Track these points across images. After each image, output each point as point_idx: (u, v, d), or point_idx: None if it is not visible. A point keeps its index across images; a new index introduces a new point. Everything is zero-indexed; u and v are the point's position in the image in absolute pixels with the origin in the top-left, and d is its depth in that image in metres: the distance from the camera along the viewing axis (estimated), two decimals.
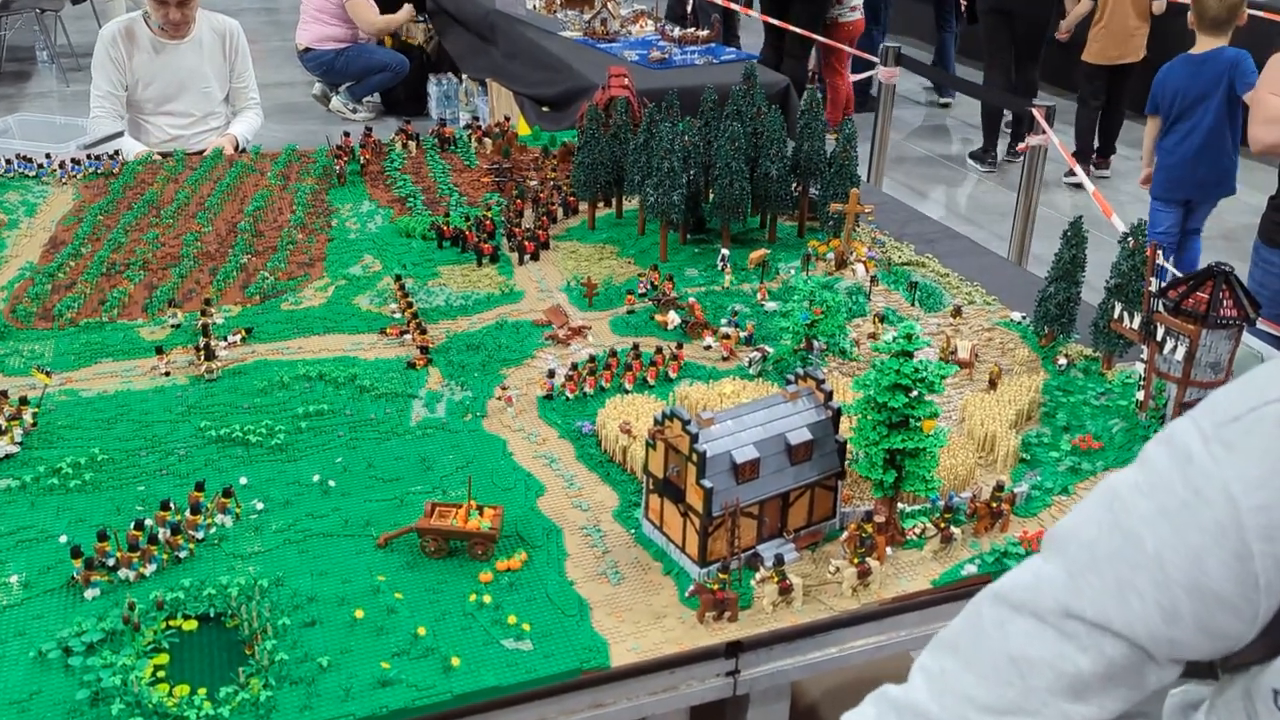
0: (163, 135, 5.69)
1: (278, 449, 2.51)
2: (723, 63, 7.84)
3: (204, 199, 4.09)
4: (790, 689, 2.26)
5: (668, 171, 3.54)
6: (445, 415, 2.70)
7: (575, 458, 2.54)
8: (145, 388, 2.77)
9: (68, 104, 10.95)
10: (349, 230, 3.90)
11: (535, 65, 8.28)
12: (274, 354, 2.99)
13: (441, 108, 11.22)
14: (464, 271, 3.58)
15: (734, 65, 7.78)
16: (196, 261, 3.55)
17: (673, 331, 3.16)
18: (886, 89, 7.47)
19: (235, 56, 5.84)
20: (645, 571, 2.16)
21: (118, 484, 2.36)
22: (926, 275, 3.55)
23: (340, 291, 3.40)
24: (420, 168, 4.61)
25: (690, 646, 1.97)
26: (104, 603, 2.00)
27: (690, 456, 2.03)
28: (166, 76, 5.58)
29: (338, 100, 11.10)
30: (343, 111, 11.10)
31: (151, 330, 3.09)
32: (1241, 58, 5.81)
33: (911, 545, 2.20)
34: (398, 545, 2.20)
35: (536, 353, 3.04)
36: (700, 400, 2.68)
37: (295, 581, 2.08)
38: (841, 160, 3.65)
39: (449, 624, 1.98)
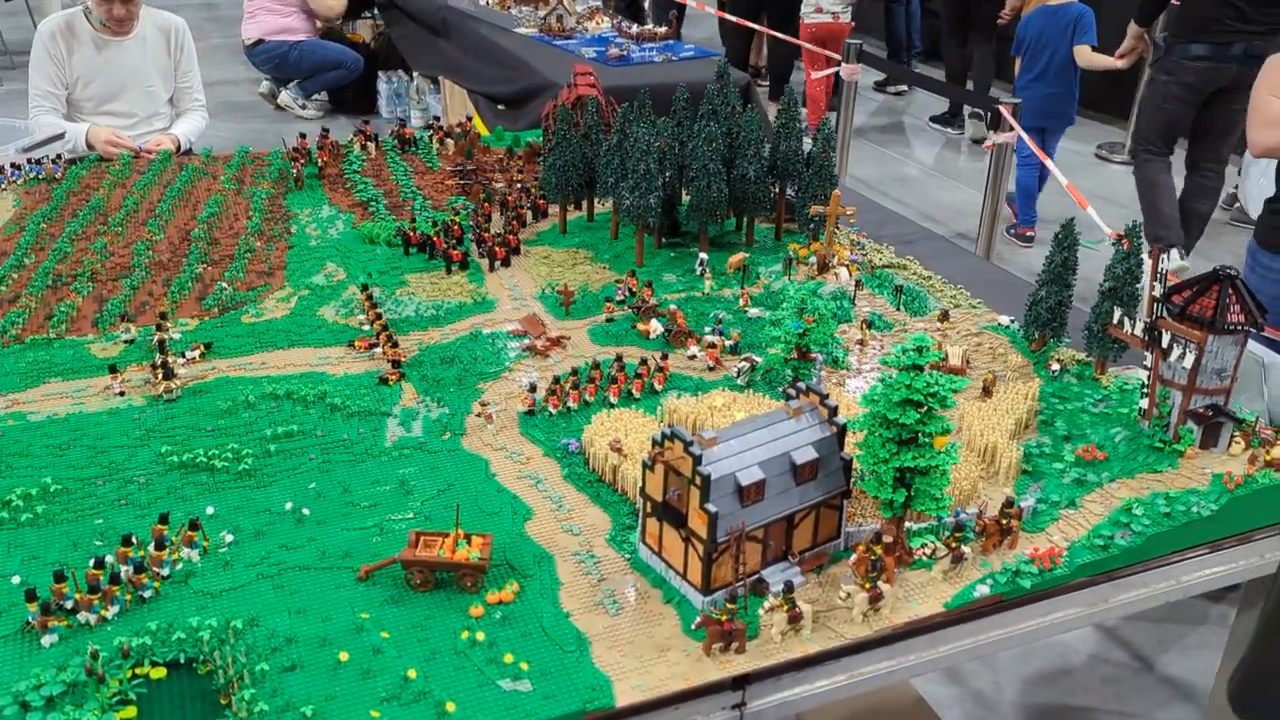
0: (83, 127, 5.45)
1: (245, 475, 2.36)
2: (682, 59, 7.74)
3: (154, 205, 3.90)
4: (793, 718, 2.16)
5: (644, 174, 3.43)
6: (422, 434, 2.56)
7: (562, 478, 2.42)
8: (99, 409, 2.60)
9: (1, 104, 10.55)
10: (309, 237, 3.73)
11: (490, 62, 8.12)
12: (236, 370, 2.83)
13: (392, 106, 10.99)
14: (433, 279, 3.43)
15: (694, 62, 7.69)
16: (149, 272, 3.37)
17: (655, 341, 3.05)
18: (848, 86, 7.43)
19: (180, 55, 5.62)
20: (644, 600, 2.05)
21: (73, 517, 2.20)
22: (909, 278, 3.48)
23: (304, 302, 3.24)
24: (381, 170, 4.45)
25: (698, 682, 1.87)
26: (63, 650, 1.84)
27: (693, 479, 1.92)
28: (108, 75, 5.35)
29: (286, 95, 10.82)
30: (291, 108, 10.82)
31: (103, 347, 2.91)
32: (1085, 12, 7.11)
33: (920, 565, 2.11)
34: (380, 578, 2.06)
35: (514, 365, 2.92)
36: (690, 414, 2.58)
37: (271, 621, 1.93)
38: (820, 161, 3.57)
39: (440, 664, 1.86)
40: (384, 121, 10.85)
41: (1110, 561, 2.15)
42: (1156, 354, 2.35)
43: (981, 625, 2.12)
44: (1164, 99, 6.68)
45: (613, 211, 3.78)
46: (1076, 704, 3.91)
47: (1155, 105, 6.82)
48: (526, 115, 7.19)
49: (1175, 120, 6.74)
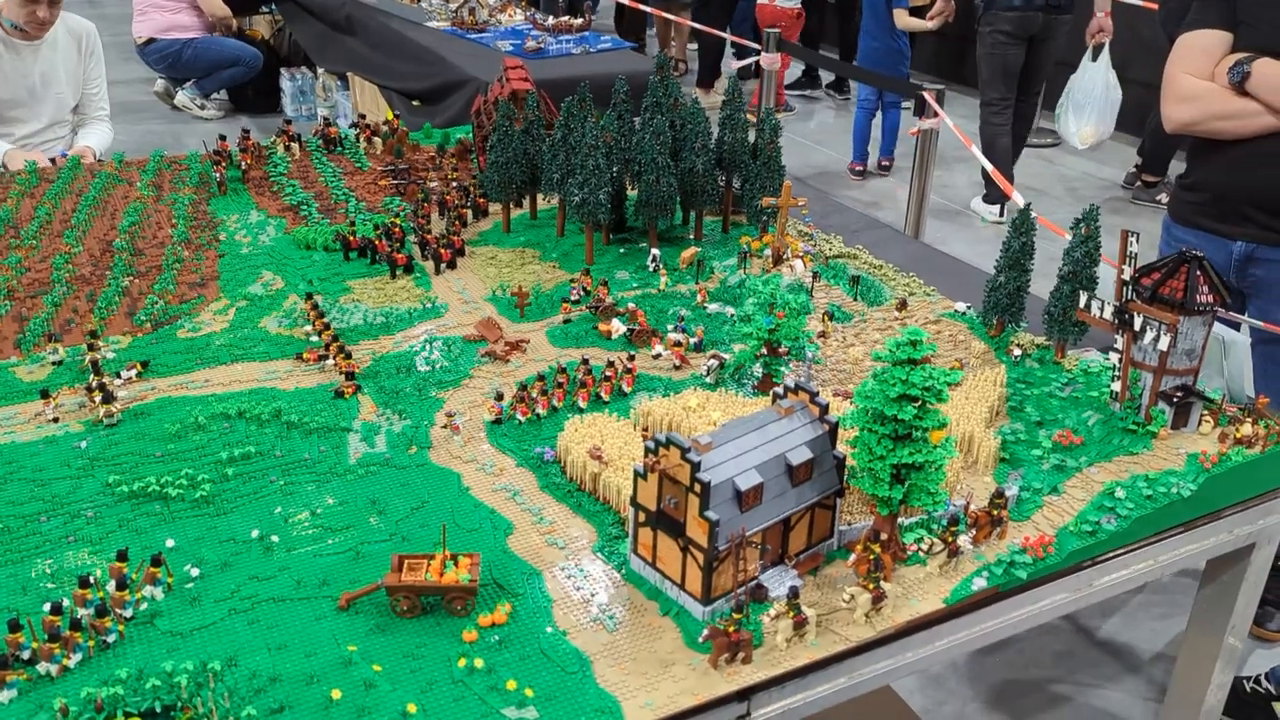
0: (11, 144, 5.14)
1: (203, 502, 2.22)
2: (600, 51, 7.67)
3: (68, 215, 3.67)
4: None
5: (593, 169, 3.35)
6: (387, 449, 2.45)
7: (540, 488, 2.34)
8: (33, 439, 2.41)
9: None
10: (240, 244, 3.56)
11: (401, 57, 7.91)
12: (177, 389, 2.67)
13: (296, 103, 10.65)
14: (377, 285, 3.30)
15: (612, 54, 7.63)
16: (70, 287, 3.16)
17: (616, 341, 2.98)
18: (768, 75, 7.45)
19: (91, 61, 5.34)
20: (641, 614, 1.98)
21: (17, 557, 2.03)
22: (859, 267, 3.47)
23: (243, 314, 3.08)
24: (307, 171, 4.28)
25: (708, 696, 1.81)
26: (23, 706, 1.70)
27: (692, 487, 1.86)
28: (15, 81, 5.04)
29: (183, 95, 10.40)
30: (189, 108, 10.41)
31: (29, 370, 2.72)
32: None
33: (914, 561, 2.09)
34: (362, 606, 1.96)
35: (473, 371, 2.82)
36: (665, 416, 2.52)
37: (251, 660, 1.81)
38: (769, 152, 3.54)
39: (438, 695, 1.76)
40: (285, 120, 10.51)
41: (1099, 547, 2.16)
42: (1128, 337, 2.37)
43: (977, 618, 2.11)
44: (991, 47, 7.97)
45: (559, 208, 3.69)
46: (1029, 678, 3.98)
47: (986, 55, 8.04)
48: (444, 110, 7.03)
49: (1006, 65, 8.00)
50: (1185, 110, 3.70)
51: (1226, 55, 3.59)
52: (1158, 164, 8.95)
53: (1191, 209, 3.91)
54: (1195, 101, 3.67)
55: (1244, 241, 3.72)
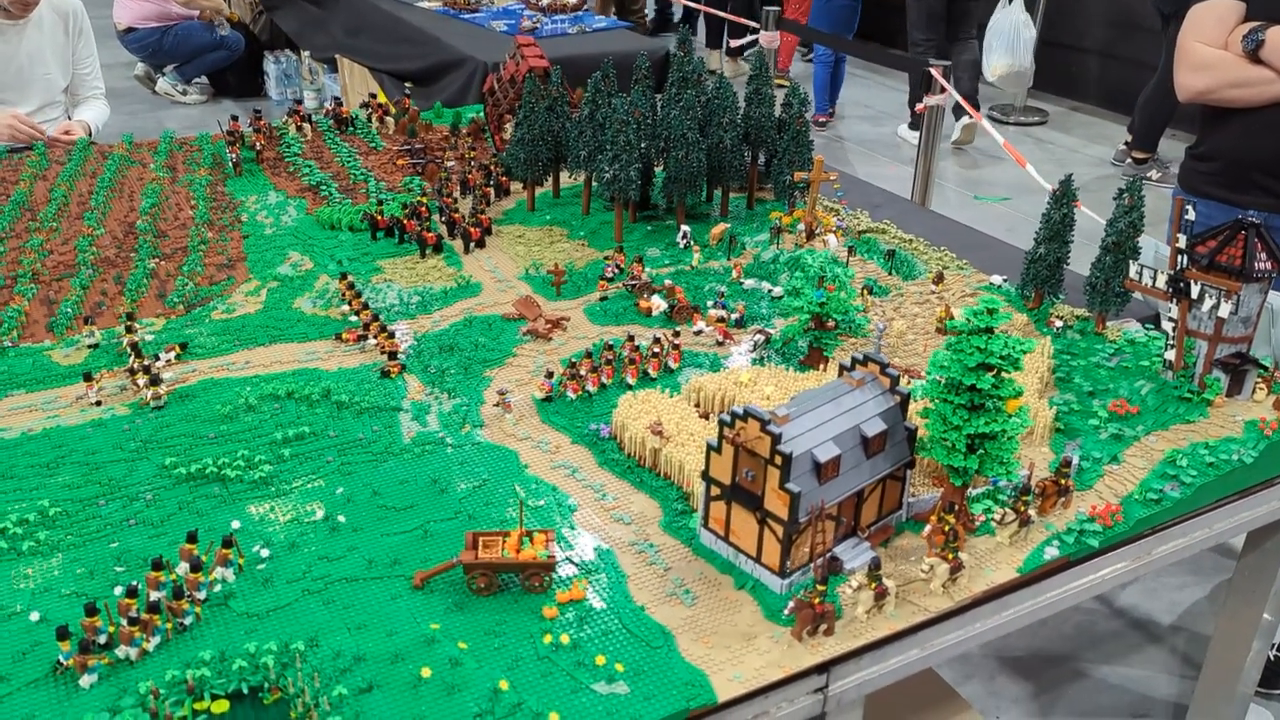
0: None
1: (262, 483, 2.19)
2: (595, 31, 7.61)
3: (85, 198, 3.60)
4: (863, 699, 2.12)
5: (624, 145, 3.32)
6: (440, 428, 2.42)
7: (598, 465, 2.32)
8: (79, 422, 2.37)
9: None
10: (263, 225, 3.51)
11: (391, 39, 7.81)
12: (219, 371, 2.63)
13: (282, 87, 10.51)
14: (408, 264, 3.26)
15: (607, 34, 7.57)
16: (96, 270, 3.10)
17: (656, 318, 2.96)
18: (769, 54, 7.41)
19: (79, 39, 5.21)
20: (716, 588, 1.97)
21: (80, 541, 1.99)
22: (890, 242, 3.46)
23: (275, 295, 3.03)
24: (322, 152, 4.22)
25: (794, 668, 1.80)
26: (106, 690, 1.67)
27: (772, 459, 1.85)
28: (2, 62, 4.93)
29: (165, 82, 10.22)
30: (171, 94, 10.24)
31: (65, 354, 2.67)
32: None
33: (982, 531, 2.09)
34: (436, 584, 1.93)
35: (517, 350, 2.79)
36: (717, 391, 2.50)
37: (333, 640, 1.79)
38: (796, 126, 3.52)
39: (526, 672, 1.75)
40: (274, 104, 10.39)
41: (1164, 515, 2.17)
42: (1184, 306, 2.38)
43: (1045, 587, 2.11)
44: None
45: (584, 186, 3.66)
46: (1052, 651, 4.01)
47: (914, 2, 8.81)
48: (440, 91, 6.95)
49: (930, 9, 8.75)
50: (1199, 79, 3.71)
51: (1240, 24, 3.60)
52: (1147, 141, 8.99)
53: (1203, 178, 3.92)
54: (1209, 70, 3.68)
55: (1256, 210, 3.74)
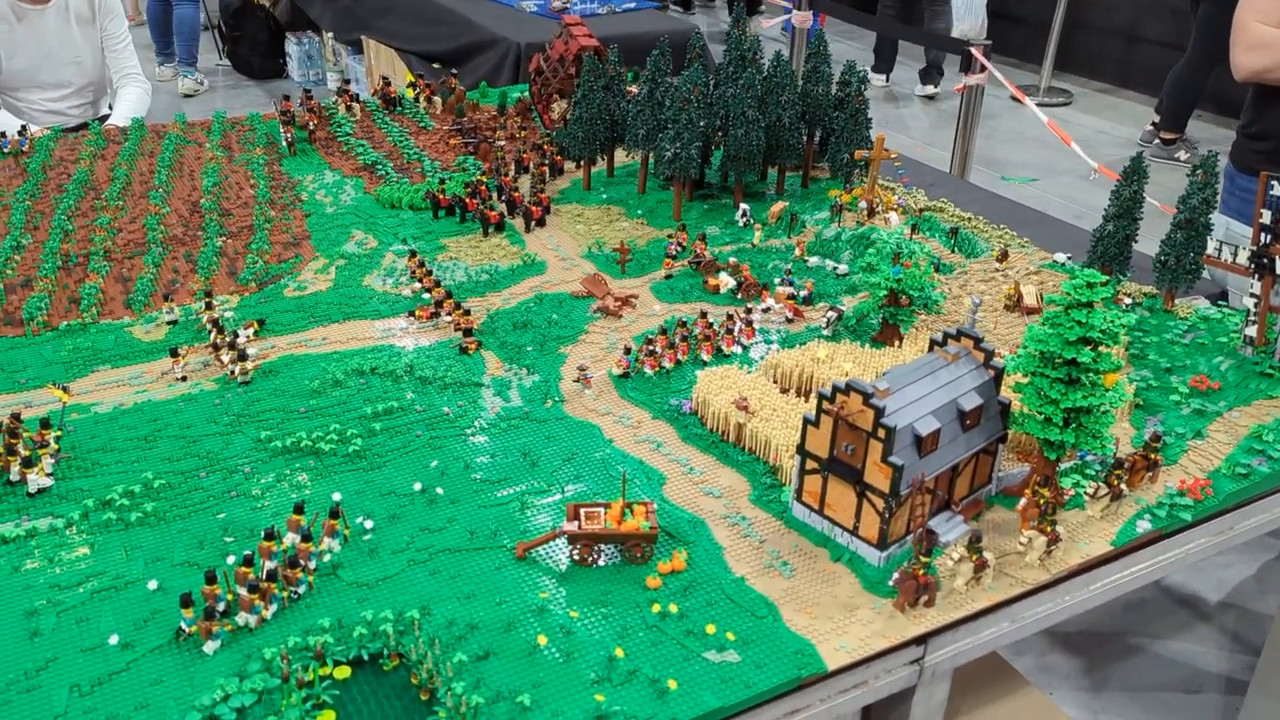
0: (39, 111, 5.06)
1: (356, 456, 2.21)
2: (624, 11, 7.59)
3: (146, 177, 3.62)
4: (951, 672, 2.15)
5: (685, 124, 3.32)
6: (523, 403, 2.45)
7: (681, 440, 2.34)
8: (169, 397, 2.40)
9: None
10: (323, 204, 3.53)
11: (420, 20, 7.80)
12: (298, 348, 2.65)
13: (304, 69, 10.51)
14: (471, 243, 3.28)
15: (636, 14, 7.56)
16: (166, 248, 3.13)
17: (723, 295, 2.98)
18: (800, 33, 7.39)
19: (107, 19, 5.21)
20: (813, 560, 1.99)
21: (185, 513, 2.03)
22: (949, 220, 3.47)
23: (344, 273, 3.06)
24: (372, 131, 4.23)
25: (898, 639, 1.83)
26: (231, 656, 1.70)
27: (875, 433, 1.87)
28: (32, 48, 4.93)
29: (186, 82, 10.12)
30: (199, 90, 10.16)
31: (146, 330, 2.70)
32: None
33: (1072, 505, 2.11)
34: (539, 554, 1.96)
35: (588, 327, 2.81)
36: (794, 368, 2.52)
37: (444, 609, 1.82)
38: (855, 104, 3.52)
39: (636, 640, 1.77)
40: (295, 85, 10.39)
41: (1252, 489, 2.18)
42: (1267, 281, 2.38)
43: (1134, 560, 2.13)
44: None
45: (640, 165, 3.67)
46: (1103, 628, 4.03)
47: None
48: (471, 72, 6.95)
49: None
50: (1256, 58, 3.69)
51: None
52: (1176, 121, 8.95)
53: (1257, 157, 3.91)
54: (1267, 49, 3.66)
55: None
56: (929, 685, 2.05)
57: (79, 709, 1.58)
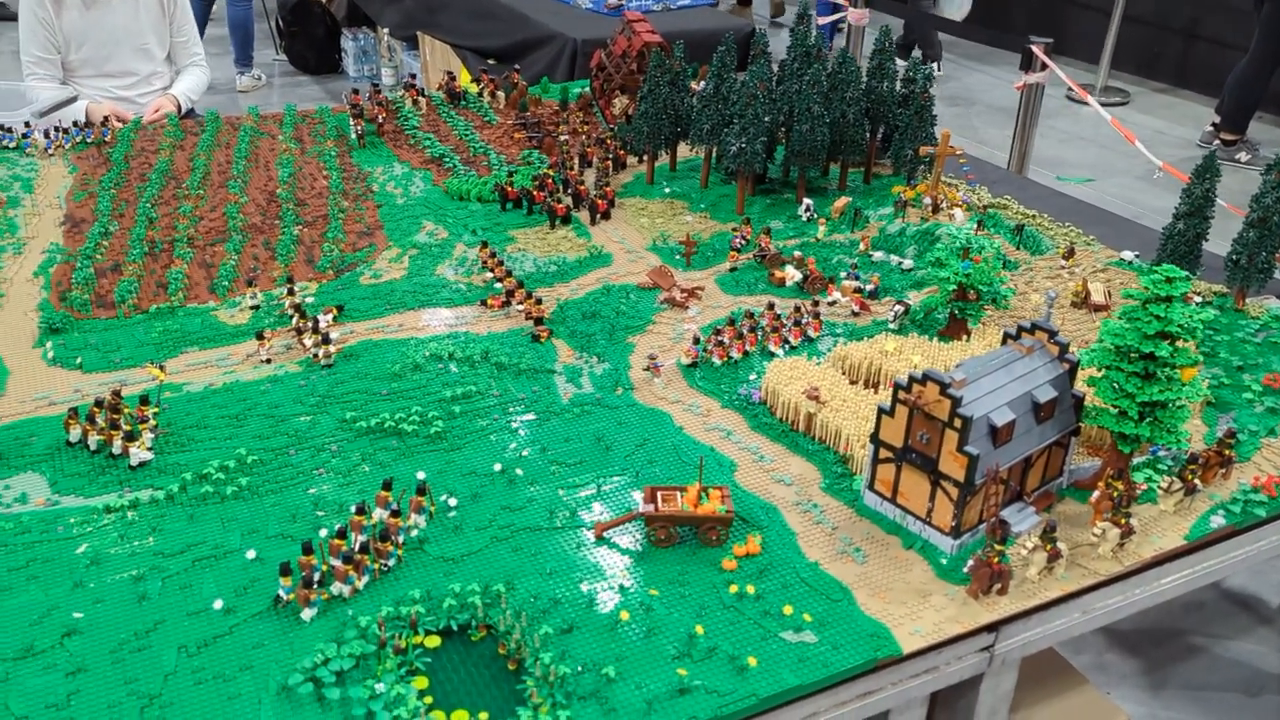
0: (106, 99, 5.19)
1: (437, 437, 2.28)
2: (679, 8, 7.64)
3: (224, 167, 3.73)
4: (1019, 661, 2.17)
5: (752, 119, 3.36)
6: (595, 390, 2.50)
7: (751, 428, 2.39)
8: (255, 377, 2.48)
9: None
10: (393, 195, 3.61)
11: (475, 16, 7.90)
12: (376, 333, 2.73)
13: (359, 64, 10.67)
14: (539, 234, 3.34)
15: (691, 11, 7.60)
16: (245, 235, 3.23)
17: (789, 288, 3.01)
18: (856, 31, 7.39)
19: (174, 8, 5.34)
20: (885, 547, 2.03)
21: (277, 487, 2.10)
22: (1013, 217, 3.47)
23: (417, 262, 3.13)
24: (438, 125, 4.31)
25: (972, 625, 1.86)
26: (327, 623, 1.77)
27: (951, 422, 1.90)
28: (100, 36, 5.06)
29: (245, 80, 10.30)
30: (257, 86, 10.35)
31: (230, 314, 2.79)
32: None
33: (1145, 499, 2.12)
34: (617, 535, 2.01)
35: (655, 317, 2.86)
36: (863, 360, 2.55)
37: (527, 584, 1.88)
38: (920, 101, 3.53)
39: (714, 619, 1.82)
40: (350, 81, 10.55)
41: None
42: None
43: (1206, 555, 2.14)
44: None
45: (703, 159, 3.72)
46: (1162, 628, 4.01)
47: None
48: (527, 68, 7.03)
49: None
50: None
51: None
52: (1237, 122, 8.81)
53: None
54: None
55: None
56: (997, 673, 2.07)
57: (187, 668, 1.66)
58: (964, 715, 2.12)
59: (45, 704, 1.59)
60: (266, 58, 10.94)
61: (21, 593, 1.80)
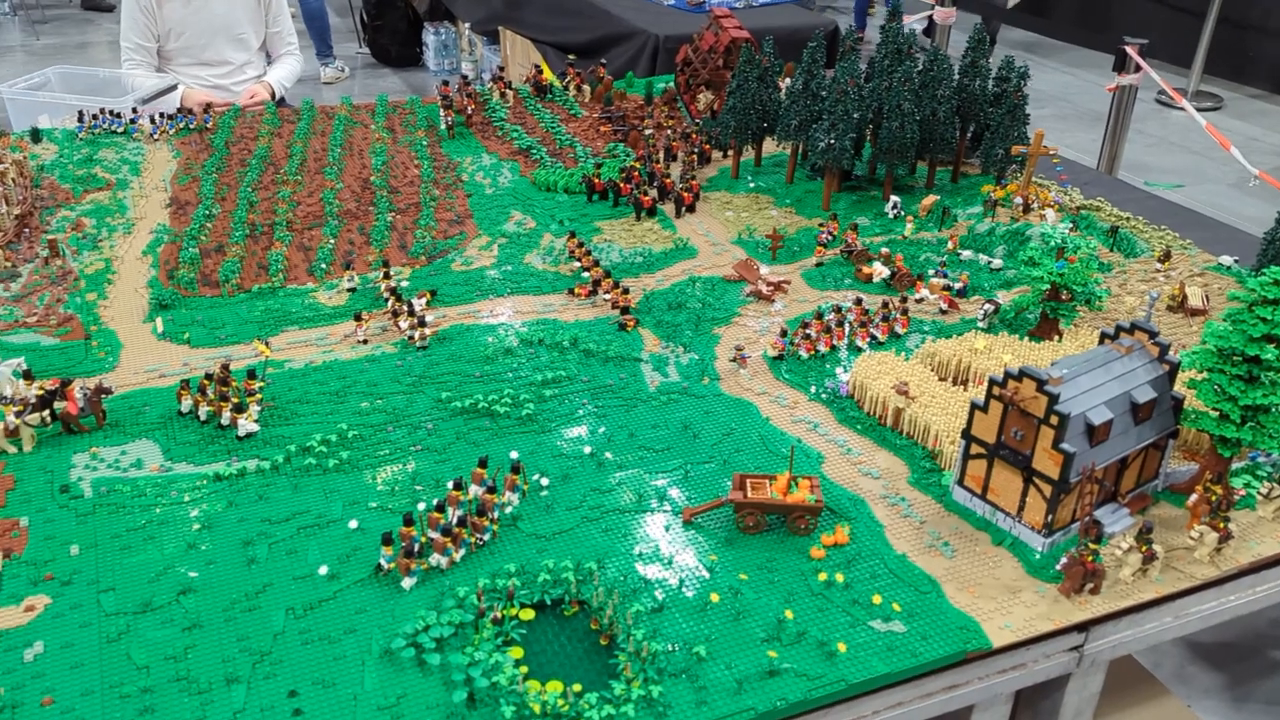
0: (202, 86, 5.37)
1: (528, 420, 2.33)
2: (761, 6, 7.62)
3: (320, 155, 3.83)
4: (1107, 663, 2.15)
5: (842, 114, 3.36)
6: (681, 379, 2.53)
7: (838, 422, 2.39)
8: (353, 357, 2.56)
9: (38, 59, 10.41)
10: (481, 185, 3.68)
11: (557, 12, 7.97)
12: (466, 318, 2.79)
13: (439, 58, 10.84)
14: (624, 226, 3.38)
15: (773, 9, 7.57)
16: (341, 221, 3.32)
17: (876, 284, 3.01)
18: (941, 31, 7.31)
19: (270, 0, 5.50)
20: (973, 542, 2.02)
21: (375, 461, 2.17)
22: (1106, 219, 3.42)
23: (506, 250, 3.19)
24: (525, 117, 4.38)
25: (1063, 622, 1.85)
26: (426, 592, 1.83)
27: (1047, 419, 1.89)
28: (199, 26, 5.23)
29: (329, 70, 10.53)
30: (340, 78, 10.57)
31: (329, 295, 2.87)
32: None
33: (1243, 505, 2.09)
34: (705, 520, 2.04)
35: (741, 310, 2.88)
36: (952, 357, 2.54)
37: (618, 563, 1.91)
38: (1014, 99, 3.49)
39: (802, 605, 1.84)
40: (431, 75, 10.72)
41: None
42: None
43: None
44: None
45: (790, 155, 3.72)
46: (1245, 643, 3.91)
47: None
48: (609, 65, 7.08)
49: None
50: None
51: None
52: None
53: None
54: None
55: None
56: (1085, 674, 2.06)
57: (295, 629, 1.73)
58: (1048, 716, 2.11)
59: (164, 655, 1.67)
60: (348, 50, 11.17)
61: (140, 552, 1.88)
